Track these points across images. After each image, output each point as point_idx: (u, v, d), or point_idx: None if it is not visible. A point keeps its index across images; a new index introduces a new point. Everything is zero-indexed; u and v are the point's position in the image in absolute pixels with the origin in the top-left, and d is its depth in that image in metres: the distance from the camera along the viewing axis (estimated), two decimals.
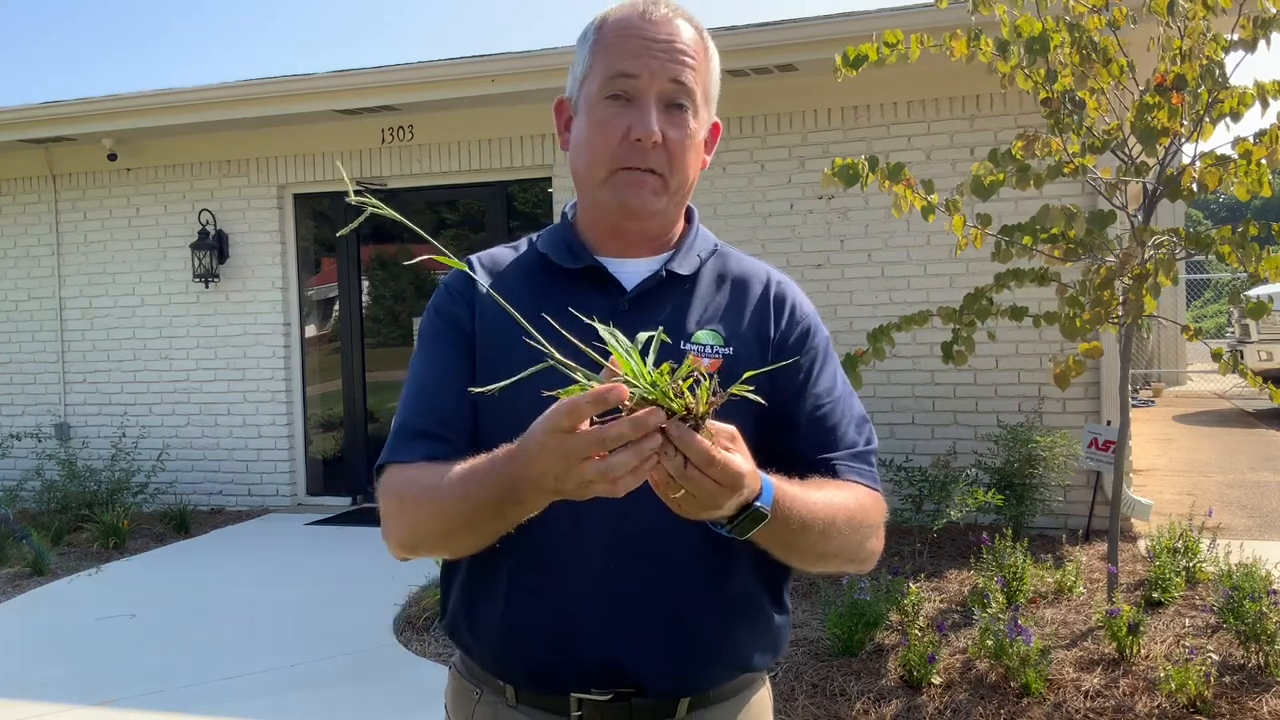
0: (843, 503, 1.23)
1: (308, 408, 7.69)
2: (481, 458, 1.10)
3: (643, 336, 1.01)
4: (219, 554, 6.37)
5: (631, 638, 1.24)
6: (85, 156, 7.81)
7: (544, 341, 1.00)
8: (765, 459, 1.16)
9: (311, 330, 7.80)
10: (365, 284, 7.73)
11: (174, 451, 7.64)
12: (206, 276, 7.49)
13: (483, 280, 1.31)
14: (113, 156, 7.63)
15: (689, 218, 1.39)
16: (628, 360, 0.96)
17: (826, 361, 1.36)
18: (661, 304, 1.30)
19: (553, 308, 1.28)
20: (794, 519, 1.12)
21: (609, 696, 1.24)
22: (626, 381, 0.95)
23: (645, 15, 1.26)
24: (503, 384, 1.01)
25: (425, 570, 4.79)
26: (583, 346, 1.00)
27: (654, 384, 0.95)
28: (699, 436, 0.95)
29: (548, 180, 7.09)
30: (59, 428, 7.94)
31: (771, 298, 1.35)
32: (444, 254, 1.08)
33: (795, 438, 1.29)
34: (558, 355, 0.99)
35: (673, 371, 0.96)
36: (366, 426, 7.61)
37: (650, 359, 0.97)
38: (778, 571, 1.30)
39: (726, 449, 0.98)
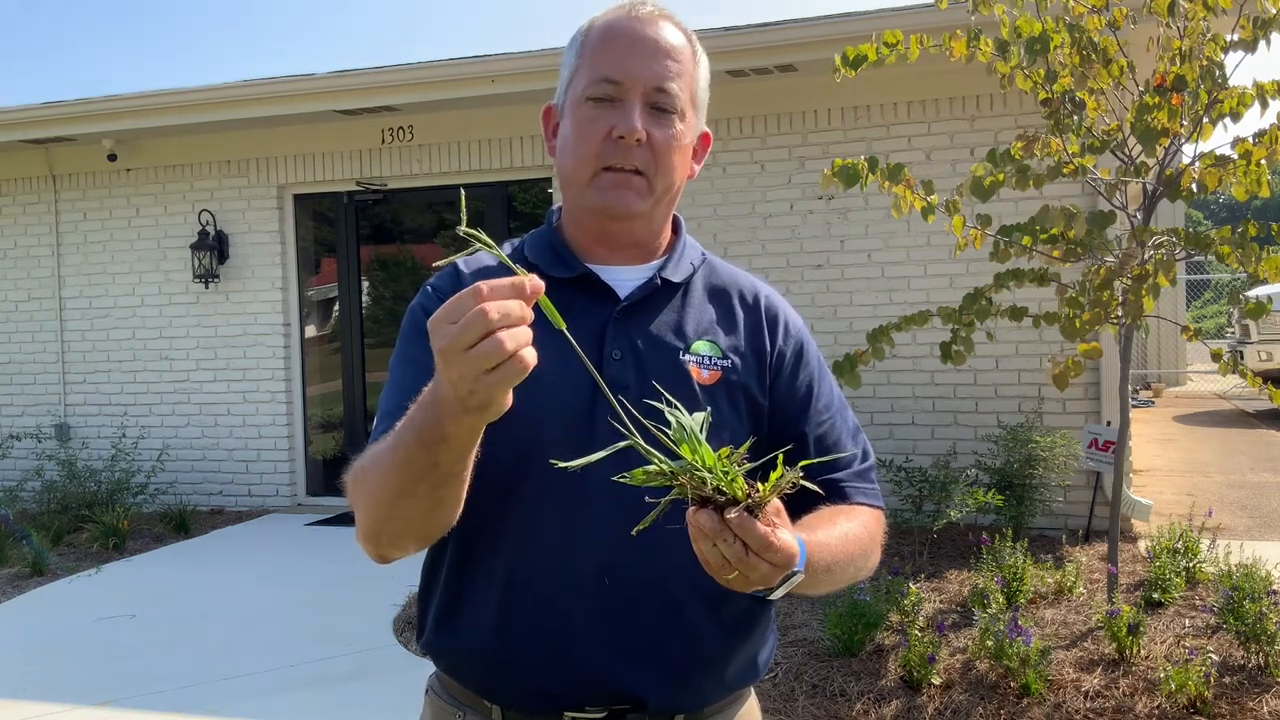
0: (856, 535, 1.24)
1: (308, 408, 7.69)
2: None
3: (700, 417, 0.98)
4: (219, 554, 6.37)
5: (631, 656, 1.22)
6: (85, 156, 7.81)
7: (627, 421, 0.97)
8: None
9: (311, 330, 7.80)
10: (365, 284, 7.74)
11: (174, 452, 7.64)
12: (206, 277, 7.49)
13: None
14: (113, 157, 7.63)
15: (676, 228, 1.37)
16: (691, 443, 0.93)
17: (823, 376, 1.37)
18: (655, 312, 1.29)
19: (547, 319, 1.27)
20: (821, 568, 1.13)
21: (604, 714, 1.23)
22: (690, 468, 0.92)
23: (631, 14, 1.26)
24: (585, 460, 0.96)
25: None
26: (650, 426, 0.97)
27: (725, 471, 0.93)
28: (759, 524, 0.93)
29: (548, 180, 7.09)
30: (59, 428, 7.94)
31: (764, 312, 1.35)
32: (513, 265, 1.01)
33: (801, 457, 1.29)
34: (639, 438, 0.95)
35: (731, 453, 0.94)
36: (366, 426, 7.59)
37: (703, 438, 0.95)
38: None
39: (773, 525, 0.97)
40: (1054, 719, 3.40)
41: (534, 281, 0.91)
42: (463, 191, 1.08)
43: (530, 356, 0.90)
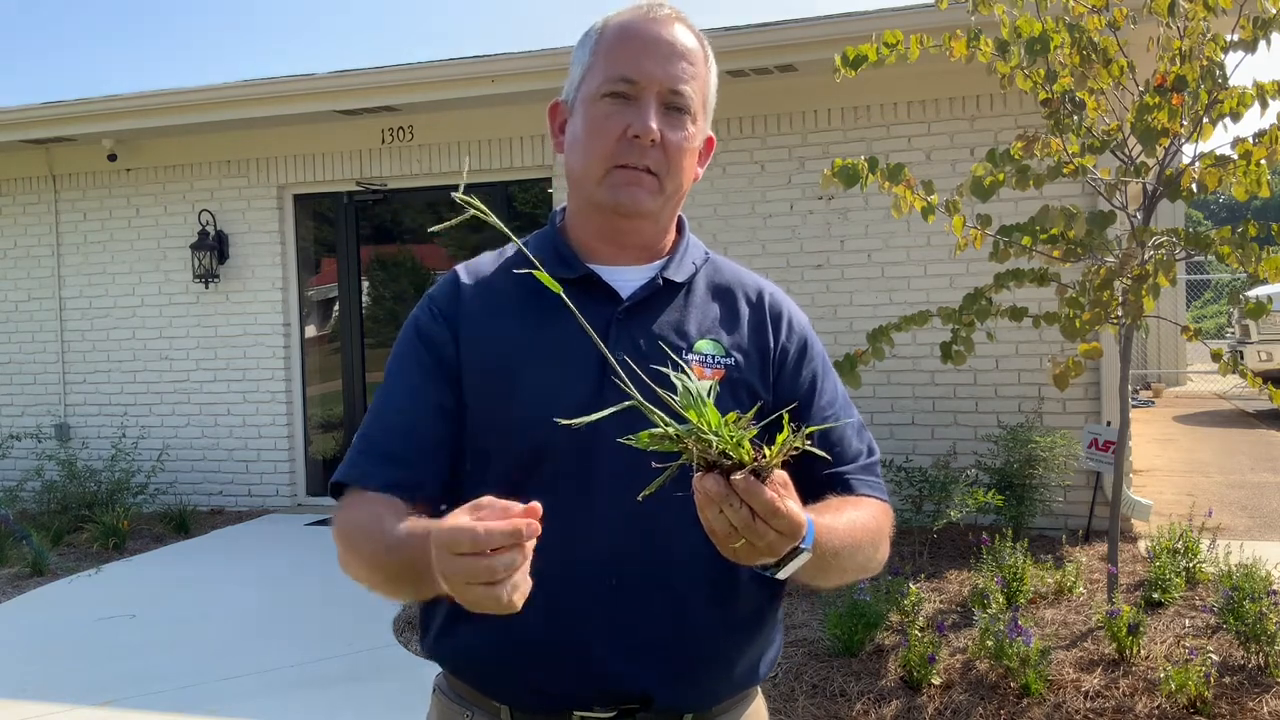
0: (864, 524, 1.24)
1: (308, 408, 7.69)
2: (408, 524, 1.10)
3: (706, 384, 0.98)
4: (219, 554, 6.37)
5: (638, 656, 1.22)
6: (85, 156, 7.81)
7: (626, 380, 0.97)
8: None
9: (311, 330, 7.80)
10: (365, 284, 7.74)
11: (174, 452, 7.64)
12: (206, 277, 7.49)
13: (467, 289, 1.30)
14: (113, 157, 7.63)
15: (680, 228, 1.38)
16: (696, 407, 0.94)
17: (826, 372, 1.37)
18: (658, 312, 1.29)
19: (550, 319, 1.26)
20: (829, 551, 1.13)
21: (613, 713, 1.23)
22: (696, 430, 0.93)
23: (648, 15, 1.27)
24: (590, 418, 0.98)
25: None
26: (658, 390, 0.97)
27: (731, 435, 0.93)
28: (766, 489, 0.93)
29: (548, 180, 7.09)
30: (59, 428, 7.94)
31: (767, 309, 1.35)
32: (535, 265, 1.01)
33: (805, 453, 1.29)
34: (639, 397, 0.96)
35: (739, 418, 0.95)
36: None
37: (710, 402, 0.95)
38: (778, 585, 1.29)
39: (780, 494, 0.97)
40: (1054, 719, 3.40)
41: (531, 526, 0.92)
42: (466, 160, 1.08)
43: (519, 596, 0.93)
